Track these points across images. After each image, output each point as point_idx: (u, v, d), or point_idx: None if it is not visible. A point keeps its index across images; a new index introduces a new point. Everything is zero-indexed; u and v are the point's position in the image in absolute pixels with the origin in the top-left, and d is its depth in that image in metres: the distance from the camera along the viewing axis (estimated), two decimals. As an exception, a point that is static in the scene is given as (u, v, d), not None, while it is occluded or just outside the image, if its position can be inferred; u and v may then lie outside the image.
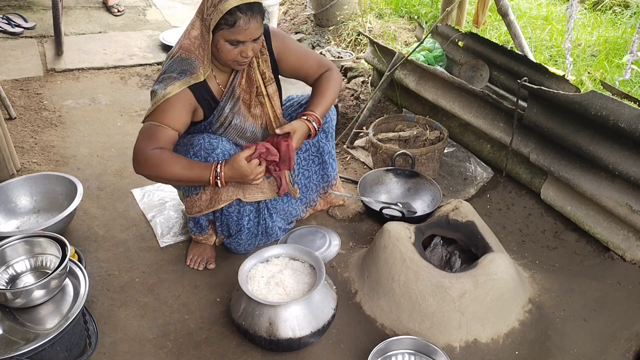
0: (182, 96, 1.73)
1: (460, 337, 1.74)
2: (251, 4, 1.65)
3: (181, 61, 1.74)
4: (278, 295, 1.73)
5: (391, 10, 4.58)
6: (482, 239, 1.95)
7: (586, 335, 1.80)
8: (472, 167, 2.69)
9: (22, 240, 1.65)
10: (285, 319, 1.64)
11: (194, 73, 1.73)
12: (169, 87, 1.71)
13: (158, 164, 1.69)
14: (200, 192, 1.92)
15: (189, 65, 1.73)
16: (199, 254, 2.09)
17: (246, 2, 1.63)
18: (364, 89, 3.49)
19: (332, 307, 1.74)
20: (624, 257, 2.09)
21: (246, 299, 1.68)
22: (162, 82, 1.74)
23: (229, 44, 1.68)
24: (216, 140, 1.83)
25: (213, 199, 1.92)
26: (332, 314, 1.72)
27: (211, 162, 1.79)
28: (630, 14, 4.45)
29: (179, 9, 5.17)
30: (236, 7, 1.62)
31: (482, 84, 3.03)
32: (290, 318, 1.64)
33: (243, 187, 1.92)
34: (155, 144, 1.71)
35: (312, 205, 2.34)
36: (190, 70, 1.73)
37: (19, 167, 2.59)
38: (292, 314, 1.65)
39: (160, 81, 1.75)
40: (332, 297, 1.77)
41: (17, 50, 3.93)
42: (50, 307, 1.56)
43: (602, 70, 3.47)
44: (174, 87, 1.71)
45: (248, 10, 1.64)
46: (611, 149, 2.01)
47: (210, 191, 1.91)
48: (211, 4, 1.65)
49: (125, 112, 3.28)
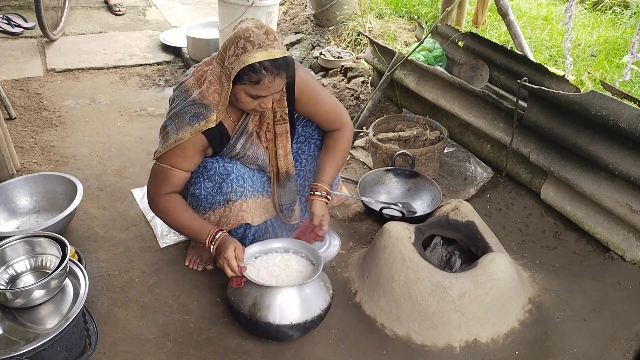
0: (195, 140, 1.71)
1: (460, 337, 1.74)
2: (276, 61, 1.56)
3: (194, 104, 1.67)
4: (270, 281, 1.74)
5: (391, 10, 4.58)
6: (482, 239, 1.95)
7: (586, 335, 1.80)
8: (472, 167, 2.69)
9: (22, 240, 1.66)
10: (269, 303, 1.65)
11: (207, 118, 1.66)
12: (182, 133, 1.67)
13: (165, 212, 1.80)
14: (210, 214, 1.89)
15: (203, 109, 1.66)
16: (198, 254, 2.09)
17: (271, 59, 1.55)
18: (364, 89, 3.49)
19: (321, 307, 1.71)
20: (624, 257, 2.09)
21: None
22: (175, 121, 1.69)
23: (249, 97, 1.63)
24: (230, 165, 1.84)
25: (221, 222, 1.90)
26: (318, 314, 1.69)
27: (225, 187, 1.82)
28: (630, 14, 4.44)
29: (179, 9, 5.17)
30: (260, 63, 1.54)
31: (482, 84, 3.03)
32: (274, 304, 1.65)
33: (253, 211, 1.91)
34: (167, 189, 1.77)
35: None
36: (204, 115, 1.66)
37: (19, 167, 2.59)
38: (277, 300, 1.65)
39: (173, 119, 1.70)
40: (324, 297, 1.73)
41: (17, 50, 3.93)
42: (50, 307, 1.56)
43: (602, 70, 3.47)
44: (186, 132, 1.67)
45: (273, 67, 1.56)
46: (611, 149, 2.01)
47: (220, 214, 1.88)
48: (234, 52, 1.56)
49: (125, 112, 3.28)
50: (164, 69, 3.93)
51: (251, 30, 1.56)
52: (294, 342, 1.76)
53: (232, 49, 1.57)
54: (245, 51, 1.54)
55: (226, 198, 1.85)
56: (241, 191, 1.86)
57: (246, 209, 1.89)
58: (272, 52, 1.55)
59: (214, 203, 1.86)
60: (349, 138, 1.97)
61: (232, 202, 1.85)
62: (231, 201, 1.85)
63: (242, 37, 1.55)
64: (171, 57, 4.10)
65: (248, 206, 1.90)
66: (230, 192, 1.84)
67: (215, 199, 1.85)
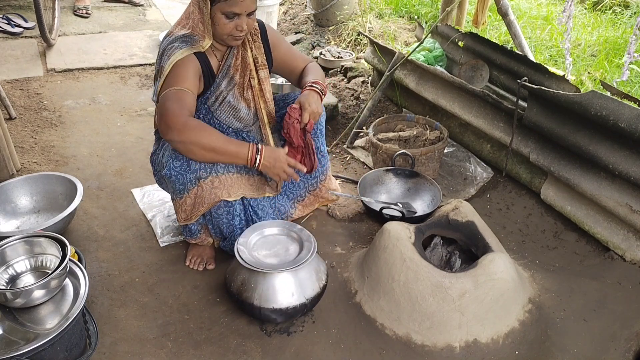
0: (190, 61, 1.79)
1: (460, 337, 1.74)
2: None
3: (182, 36, 1.81)
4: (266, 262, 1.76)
5: (391, 10, 4.58)
6: (482, 239, 1.95)
7: (586, 335, 1.80)
8: (472, 167, 2.69)
9: (22, 240, 1.65)
10: (254, 285, 1.71)
11: (196, 43, 1.80)
12: (175, 54, 1.76)
13: (200, 128, 1.71)
14: (185, 196, 1.88)
15: (190, 38, 1.80)
16: (198, 254, 2.09)
17: None
18: (364, 89, 3.49)
19: (307, 296, 1.73)
20: (624, 257, 2.09)
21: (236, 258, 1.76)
22: (166, 55, 1.79)
23: (225, 17, 1.75)
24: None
25: (197, 203, 1.89)
26: (302, 302, 1.72)
27: (194, 164, 1.81)
28: (630, 14, 4.45)
29: (179, 9, 5.16)
30: None
31: (482, 84, 3.03)
32: (259, 287, 1.71)
33: (228, 187, 1.89)
34: (187, 108, 1.72)
35: (299, 201, 2.29)
36: (191, 42, 1.80)
37: (19, 167, 2.59)
38: (262, 283, 1.70)
39: (165, 53, 1.80)
40: (311, 286, 1.76)
41: (17, 50, 3.93)
42: (50, 307, 1.56)
43: (602, 70, 3.47)
44: (179, 53, 1.77)
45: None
46: (611, 149, 2.01)
47: (195, 194, 1.87)
48: None
49: (125, 112, 3.28)
50: (164, 69, 3.93)
51: None
52: (294, 342, 1.77)
53: None
54: None
55: (196, 175, 1.82)
56: (210, 166, 1.83)
57: (218, 185, 1.86)
58: None
59: (185, 183, 1.84)
60: (319, 67, 2.15)
61: (202, 179, 1.83)
62: (201, 178, 1.83)
63: None
64: (171, 57, 4.09)
65: (220, 182, 1.87)
66: (199, 169, 1.81)
67: (186, 177, 1.83)
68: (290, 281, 1.73)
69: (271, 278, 1.71)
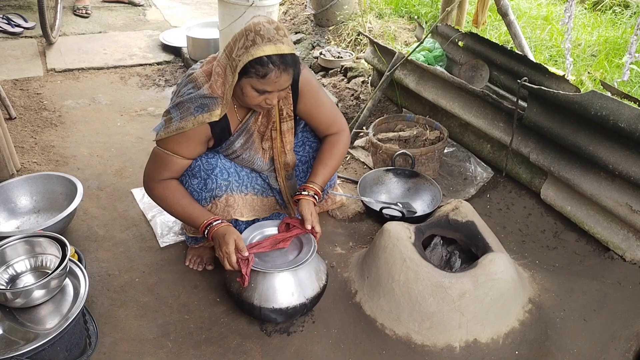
0: (199, 130, 1.70)
1: (460, 337, 1.74)
2: (284, 56, 1.56)
3: (201, 96, 1.66)
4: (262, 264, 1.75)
5: (391, 10, 4.58)
6: (482, 239, 1.95)
7: (586, 335, 1.80)
8: (472, 167, 2.69)
9: (22, 240, 1.66)
10: (254, 285, 1.72)
11: (212, 111, 1.65)
12: (184, 122, 1.66)
13: (162, 198, 1.78)
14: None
15: (209, 102, 1.66)
16: (198, 254, 2.09)
17: (280, 53, 1.55)
18: (364, 89, 3.49)
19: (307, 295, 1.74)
20: (624, 257, 2.09)
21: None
22: (180, 110, 1.68)
23: (255, 92, 1.62)
24: (214, 159, 1.83)
25: None
26: (302, 302, 1.73)
27: (210, 183, 1.81)
28: (630, 14, 4.45)
29: (179, 9, 5.17)
30: (268, 57, 1.54)
31: (482, 84, 3.03)
32: (259, 287, 1.71)
33: (241, 208, 1.92)
34: (166, 174, 1.76)
35: None
36: (209, 107, 1.66)
37: (19, 167, 2.59)
38: (262, 283, 1.71)
39: (179, 107, 1.68)
40: (311, 286, 1.76)
41: (17, 50, 3.93)
42: (50, 307, 1.56)
43: (602, 70, 3.47)
44: (189, 122, 1.66)
45: (281, 63, 1.55)
46: (611, 149, 2.01)
47: (208, 210, 1.87)
48: (243, 45, 1.56)
49: (125, 112, 3.28)
50: (164, 69, 3.93)
51: (262, 24, 1.56)
52: (294, 342, 1.77)
53: (242, 41, 1.57)
54: (255, 44, 1.54)
55: (212, 194, 1.84)
56: (226, 185, 1.85)
57: (232, 203, 1.88)
58: (280, 47, 1.55)
59: (200, 200, 1.85)
60: (345, 144, 1.95)
61: (217, 197, 1.85)
62: (217, 197, 1.85)
63: (253, 30, 1.55)
64: (171, 57, 4.10)
65: (235, 201, 1.89)
66: (215, 188, 1.83)
67: (202, 195, 1.84)
68: (291, 281, 1.73)
69: (271, 278, 1.71)
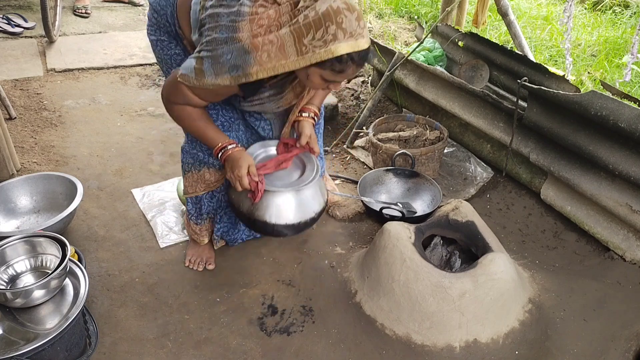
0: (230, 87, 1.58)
1: (460, 337, 1.74)
2: (363, 51, 1.46)
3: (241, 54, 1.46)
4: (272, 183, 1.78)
5: (391, 10, 4.58)
6: (482, 239, 1.95)
7: (586, 335, 1.80)
8: (472, 167, 2.69)
9: (22, 240, 1.66)
10: (267, 204, 1.72)
11: (247, 73, 1.48)
12: (220, 79, 1.51)
13: (179, 118, 1.74)
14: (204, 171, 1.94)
15: (244, 62, 1.46)
16: (197, 254, 2.09)
17: (359, 50, 1.44)
18: (364, 89, 3.49)
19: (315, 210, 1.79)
20: (624, 257, 2.09)
21: None
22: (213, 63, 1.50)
23: (323, 81, 1.52)
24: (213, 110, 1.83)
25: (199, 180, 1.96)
26: (312, 216, 1.78)
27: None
28: (630, 14, 4.45)
29: (179, 9, 5.16)
30: (348, 54, 1.42)
31: (482, 84, 3.03)
32: (272, 205, 1.72)
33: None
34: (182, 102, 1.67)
35: None
36: (244, 69, 1.47)
37: (19, 167, 2.59)
38: (275, 202, 1.73)
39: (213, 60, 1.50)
40: (318, 201, 1.81)
41: (17, 50, 3.92)
42: (50, 307, 1.56)
43: (602, 70, 3.47)
44: (225, 80, 1.51)
45: (359, 59, 1.46)
46: (611, 149, 2.01)
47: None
48: (321, 37, 1.39)
49: (125, 112, 3.27)
50: (164, 69, 3.93)
51: (343, 13, 1.39)
52: (294, 342, 1.77)
53: (320, 32, 1.39)
54: (336, 39, 1.39)
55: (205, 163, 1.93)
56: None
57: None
58: (361, 43, 1.44)
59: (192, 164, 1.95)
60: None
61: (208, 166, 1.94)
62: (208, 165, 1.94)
63: (334, 22, 1.39)
64: (171, 57, 4.09)
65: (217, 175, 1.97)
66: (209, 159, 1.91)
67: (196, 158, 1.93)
68: (303, 197, 1.76)
69: (285, 196, 1.74)
